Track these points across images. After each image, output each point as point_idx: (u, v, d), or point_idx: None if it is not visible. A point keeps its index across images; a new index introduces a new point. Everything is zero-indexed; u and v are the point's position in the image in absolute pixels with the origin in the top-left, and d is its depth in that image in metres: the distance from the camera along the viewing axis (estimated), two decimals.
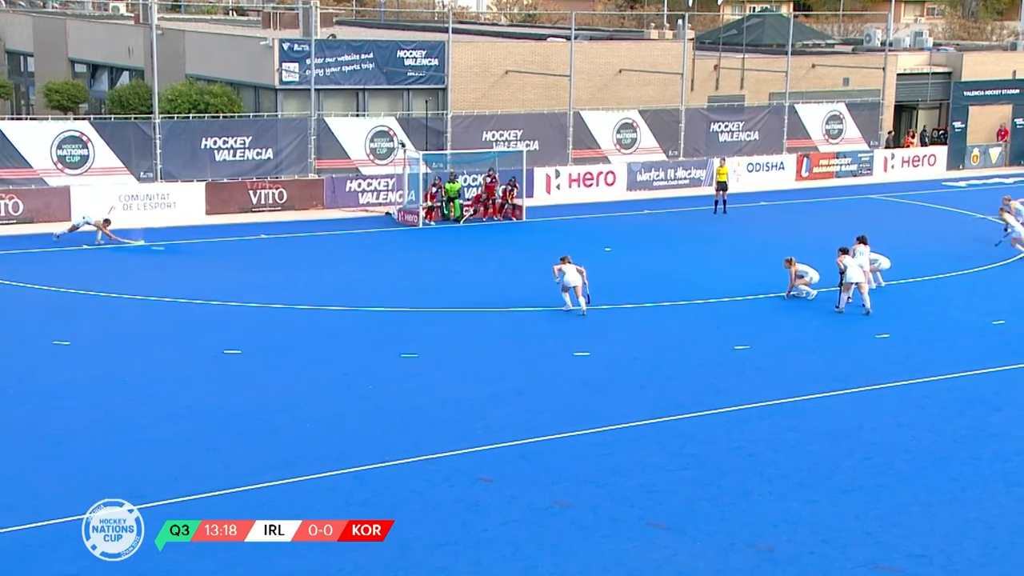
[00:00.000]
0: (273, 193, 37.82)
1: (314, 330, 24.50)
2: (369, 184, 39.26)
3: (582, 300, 25.87)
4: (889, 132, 51.23)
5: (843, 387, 21.26)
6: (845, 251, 27.18)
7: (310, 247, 33.01)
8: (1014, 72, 54.18)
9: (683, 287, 28.74)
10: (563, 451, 17.85)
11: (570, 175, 42.28)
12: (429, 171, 38.03)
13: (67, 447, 17.65)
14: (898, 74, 51.81)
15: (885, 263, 28.78)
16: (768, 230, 36.68)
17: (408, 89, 41.44)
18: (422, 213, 35.76)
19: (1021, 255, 32.88)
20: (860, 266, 26.81)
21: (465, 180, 38.53)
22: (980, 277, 30.88)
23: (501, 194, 37.37)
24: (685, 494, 16.45)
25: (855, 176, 47.74)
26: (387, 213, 37.85)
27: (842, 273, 26.60)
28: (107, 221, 32.51)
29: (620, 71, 45.60)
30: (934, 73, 53.57)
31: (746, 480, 16.99)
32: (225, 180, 37.56)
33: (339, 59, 39.94)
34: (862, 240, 28.40)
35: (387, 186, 39.18)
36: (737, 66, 48.64)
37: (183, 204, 36.64)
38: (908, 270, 30.69)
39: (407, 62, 41.04)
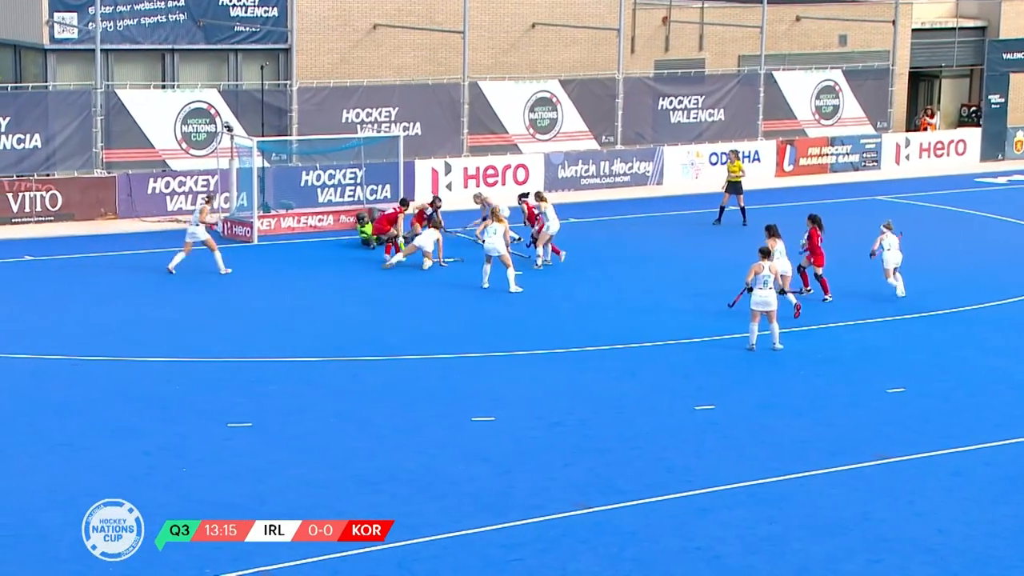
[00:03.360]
0: (42, 197, 37.38)
1: (105, 390, 24.17)
2: (181, 184, 39.01)
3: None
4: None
5: (841, 462, 21.50)
6: (767, 254, 27.29)
7: (97, 273, 32.62)
8: None
9: (626, 325, 28.92)
10: (456, 555, 17.83)
11: (466, 169, 42.41)
12: (268, 164, 37.83)
13: None
14: (913, 30, 52.98)
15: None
16: (737, 244, 37.13)
17: (236, 50, 41.32)
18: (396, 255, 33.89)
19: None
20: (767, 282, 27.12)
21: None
22: None
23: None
24: None
25: (857, 170, 48.60)
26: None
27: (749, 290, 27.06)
28: None
29: (533, 25, 45.96)
30: (962, 28, 54.82)
31: None
32: None
33: (136, 8, 39.65)
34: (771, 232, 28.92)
35: (207, 186, 38.94)
36: (695, 19, 49.30)
37: None
38: (929, 300, 31.35)
39: (234, 12, 40.92)
